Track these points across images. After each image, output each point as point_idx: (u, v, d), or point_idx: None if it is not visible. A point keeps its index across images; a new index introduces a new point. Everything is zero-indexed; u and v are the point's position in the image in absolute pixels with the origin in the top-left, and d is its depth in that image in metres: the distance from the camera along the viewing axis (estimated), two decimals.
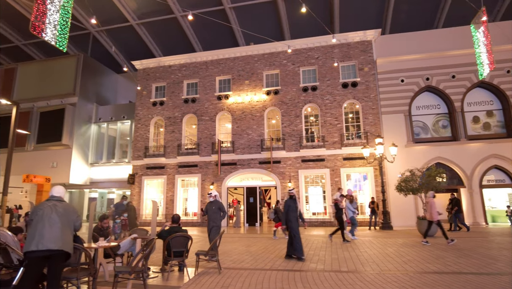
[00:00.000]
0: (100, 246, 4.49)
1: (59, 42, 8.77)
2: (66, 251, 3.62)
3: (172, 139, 21.04)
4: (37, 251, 3.47)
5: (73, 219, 3.87)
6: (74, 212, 3.96)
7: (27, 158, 22.90)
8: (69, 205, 4.02)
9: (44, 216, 3.68)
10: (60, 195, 4.04)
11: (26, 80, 24.78)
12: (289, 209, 7.66)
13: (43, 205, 3.81)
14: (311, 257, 7.66)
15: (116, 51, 24.58)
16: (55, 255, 3.58)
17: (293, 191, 8.03)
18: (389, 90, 18.57)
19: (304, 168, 18.61)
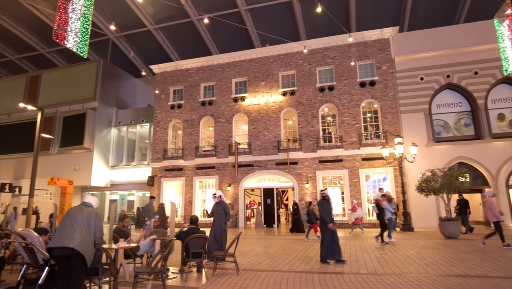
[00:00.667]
0: (120, 247, 4.60)
1: (80, 49, 9.05)
2: (81, 253, 3.68)
3: (189, 141, 21.30)
4: (55, 248, 3.61)
5: (95, 225, 3.96)
6: (98, 221, 4.05)
7: (51, 161, 23.68)
8: (95, 213, 4.10)
9: (69, 217, 3.81)
10: (90, 202, 4.20)
11: (50, 86, 25.67)
12: (324, 210, 7.47)
13: (72, 207, 3.99)
14: None
15: (134, 56, 25.10)
16: (72, 255, 3.67)
17: (326, 191, 7.80)
18: (408, 89, 18.17)
19: (321, 168, 18.45)
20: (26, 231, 4.55)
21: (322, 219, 7.44)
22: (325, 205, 7.52)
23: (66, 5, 9.01)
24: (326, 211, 7.46)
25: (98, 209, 22.83)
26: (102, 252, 4.11)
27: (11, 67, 31.43)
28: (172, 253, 5.94)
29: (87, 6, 9.65)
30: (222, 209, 7.71)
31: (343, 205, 18.14)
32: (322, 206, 7.52)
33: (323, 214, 7.44)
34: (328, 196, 7.80)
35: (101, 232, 4.04)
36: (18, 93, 26.06)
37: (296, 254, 8.31)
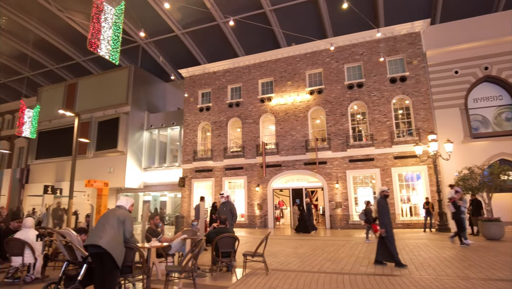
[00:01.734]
0: (153, 246, 4.75)
1: (112, 56, 9.46)
2: (110, 253, 3.84)
3: (218, 143, 21.59)
4: (88, 245, 3.82)
5: (125, 226, 4.13)
6: (128, 222, 4.20)
7: (88, 164, 24.83)
8: (125, 214, 4.27)
9: (102, 218, 4.00)
10: (122, 203, 4.40)
11: (85, 93, 26.95)
12: (383, 210, 7.01)
13: (109, 209, 4.22)
14: (360, 260, 7.39)
15: (163, 60, 25.78)
16: (103, 254, 3.87)
17: (387, 190, 7.26)
18: (442, 83, 17.40)
19: (352, 168, 18.06)
20: (66, 230, 4.80)
21: (381, 219, 6.99)
22: (385, 205, 7.06)
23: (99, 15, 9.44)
24: (386, 211, 6.95)
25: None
26: (134, 251, 4.27)
27: (51, 76, 33.29)
28: (201, 253, 6.04)
29: (118, 15, 10.06)
30: (228, 209, 7.53)
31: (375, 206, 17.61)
32: (381, 205, 7.04)
33: (382, 214, 6.99)
34: (389, 195, 7.30)
35: (130, 232, 4.18)
36: (58, 101, 27.57)
37: (326, 254, 8.19)
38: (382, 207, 7.02)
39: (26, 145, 29.74)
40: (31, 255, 5.77)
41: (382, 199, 7.18)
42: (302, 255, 8.29)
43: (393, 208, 16.86)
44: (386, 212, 6.95)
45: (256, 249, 5.74)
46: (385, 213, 6.94)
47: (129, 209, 4.36)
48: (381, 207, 7.03)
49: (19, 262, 5.64)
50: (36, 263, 5.88)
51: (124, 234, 4.10)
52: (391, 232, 6.87)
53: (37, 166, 27.60)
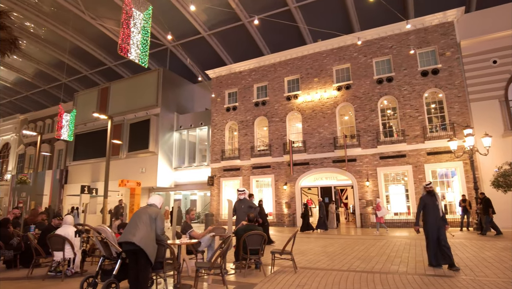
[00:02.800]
0: (182, 243, 4.88)
1: (141, 59, 9.77)
2: (143, 249, 3.97)
3: (245, 142, 21.74)
4: (123, 242, 3.99)
5: (157, 223, 4.27)
6: (160, 219, 4.35)
7: (121, 165, 25.82)
8: (157, 212, 4.43)
9: (135, 216, 4.18)
10: (153, 202, 4.56)
11: (117, 96, 28.02)
12: (425, 207, 6.43)
13: (141, 207, 4.39)
14: (392, 258, 7.18)
15: (190, 62, 26.28)
16: (137, 250, 4.02)
17: (431, 185, 6.60)
18: (479, 75, 16.52)
19: (382, 165, 17.58)
20: (101, 226, 5.05)
21: (417, 216, 6.63)
22: (428, 201, 6.42)
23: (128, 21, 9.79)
24: (428, 208, 6.33)
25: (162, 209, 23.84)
26: (165, 247, 4.41)
27: (85, 81, 34.93)
28: (230, 249, 6.12)
29: (146, 20, 10.38)
30: (247, 207, 7.47)
31: (407, 204, 17.10)
32: (423, 202, 6.49)
33: (417, 211, 6.63)
34: (434, 190, 6.57)
35: (162, 229, 4.31)
36: (92, 105, 28.85)
37: (356, 253, 8.03)
38: (424, 203, 6.50)
39: (64, 147, 31.38)
40: (71, 250, 6.10)
41: (425, 195, 6.54)
42: (331, 253, 8.19)
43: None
44: (427, 209, 6.35)
45: (284, 247, 5.74)
46: (425, 209, 6.41)
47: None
48: (422, 203, 6.50)
49: (60, 257, 5.99)
50: (75, 258, 6.21)
51: (156, 231, 4.23)
52: (432, 231, 6.20)
53: (75, 167, 29.06)
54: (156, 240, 4.19)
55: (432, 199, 6.46)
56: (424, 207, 6.49)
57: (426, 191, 6.61)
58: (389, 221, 16.88)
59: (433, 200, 6.44)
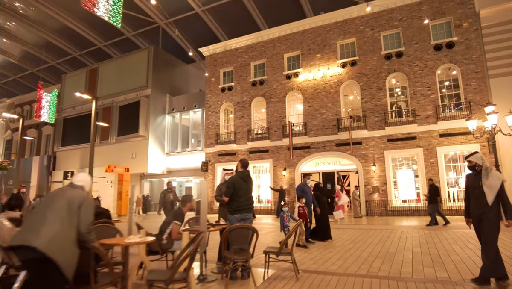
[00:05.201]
0: (132, 242, 3.33)
1: (112, 17, 8.18)
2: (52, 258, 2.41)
3: (241, 124, 20.19)
4: (16, 247, 2.47)
5: (81, 214, 2.73)
6: (86, 208, 2.82)
7: (110, 150, 24.33)
8: (82, 197, 2.86)
9: (44, 201, 2.64)
10: (80, 182, 3.01)
11: (106, 77, 26.34)
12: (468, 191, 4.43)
13: (56, 189, 2.81)
14: (420, 257, 5.74)
15: (178, 34, 24.32)
16: (42, 260, 2.43)
17: (469, 159, 4.36)
18: (500, 48, 14.88)
19: (390, 148, 16.09)
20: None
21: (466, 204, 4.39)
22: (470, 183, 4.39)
23: None
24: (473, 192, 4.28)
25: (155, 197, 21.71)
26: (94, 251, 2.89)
27: (75, 63, 33.11)
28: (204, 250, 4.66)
29: None
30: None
31: (417, 190, 15.69)
32: (466, 183, 4.50)
33: (465, 197, 4.53)
34: (480, 166, 4.23)
35: (88, 224, 2.75)
36: (80, 87, 27.14)
37: (371, 248, 6.58)
38: (466, 186, 4.51)
39: (52, 133, 29.81)
40: None
41: (470, 174, 4.47)
42: (340, 248, 6.75)
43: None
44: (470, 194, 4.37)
45: (282, 244, 4.27)
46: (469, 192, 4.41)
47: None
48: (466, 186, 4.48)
49: None
50: None
51: (79, 227, 2.69)
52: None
53: (63, 152, 27.57)
54: (78, 242, 2.67)
55: (476, 179, 4.27)
56: (468, 191, 4.44)
57: (470, 166, 4.41)
58: (397, 209, 15.53)
59: (477, 179, 4.23)
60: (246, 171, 4.83)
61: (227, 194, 4.48)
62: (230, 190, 4.50)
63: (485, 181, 4.12)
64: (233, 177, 4.71)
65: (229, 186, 4.52)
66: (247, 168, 4.86)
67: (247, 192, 4.58)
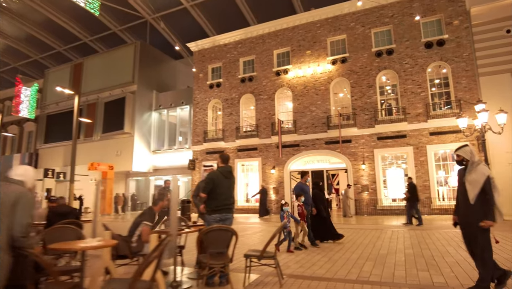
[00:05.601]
0: (88, 247, 2.88)
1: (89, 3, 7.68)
2: None
3: (230, 122, 19.74)
4: None
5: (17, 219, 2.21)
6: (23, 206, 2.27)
7: (95, 147, 23.61)
8: (22, 194, 2.30)
9: None
10: (19, 176, 2.42)
11: (91, 73, 25.58)
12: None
13: None
14: (413, 259, 5.43)
15: (164, 27, 23.67)
16: None
17: (458, 152, 3.79)
18: (490, 46, 14.78)
19: (380, 146, 15.87)
20: None
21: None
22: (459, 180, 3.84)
23: None
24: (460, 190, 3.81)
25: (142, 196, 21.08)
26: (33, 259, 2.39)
27: (59, 58, 32.13)
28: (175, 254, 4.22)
29: None
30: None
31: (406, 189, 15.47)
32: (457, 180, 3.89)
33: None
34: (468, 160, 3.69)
35: (23, 226, 2.21)
36: (64, 82, 26.27)
37: (361, 250, 6.24)
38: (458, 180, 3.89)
39: (35, 129, 28.84)
40: None
41: (459, 169, 3.88)
42: (328, 250, 6.39)
43: (428, 191, 14.72)
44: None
45: (264, 247, 3.86)
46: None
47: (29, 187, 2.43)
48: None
49: None
50: None
51: (13, 229, 2.18)
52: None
53: (46, 150, 26.69)
54: (12, 248, 2.18)
55: (463, 174, 3.78)
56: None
57: (456, 161, 3.93)
58: (387, 208, 15.34)
59: (464, 175, 3.74)
60: (228, 166, 4.38)
61: (204, 190, 4.06)
62: (208, 185, 4.07)
63: (468, 176, 3.64)
64: (213, 172, 4.26)
65: (207, 181, 4.09)
66: (228, 163, 4.43)
67: (228, 190, 4.14)
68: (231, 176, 4.30)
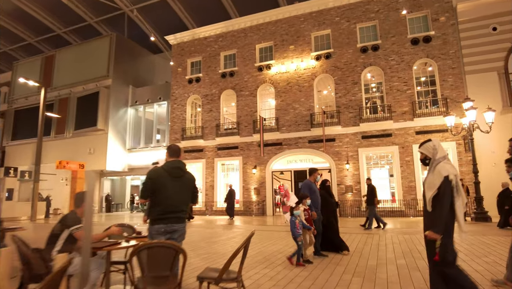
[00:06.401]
0: None
1: None
2: None
3: (210, 119, 18.81)
4: None
5: None
6: None
7: (67, 145, 22.21)
8: None
9: None
10: None
11: (64, 66, 24.14)
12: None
13: None
14: (406, 272, 4.71)
15: (137, 15, 22.48)
16: None
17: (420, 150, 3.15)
18: (476, 43, 14.43)
19: (365, 145, 15.29)
20: None
21: None
22: None
23: None
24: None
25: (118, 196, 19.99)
26: None
27: (30, 50, 30.36)
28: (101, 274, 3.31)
29: None
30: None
31: (392, 190, 15.00)
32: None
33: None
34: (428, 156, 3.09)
35: None
36: (34, 75, 24.72)
37: (346, 260, 5.44)
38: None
39: (1, 125, 27.07)
40: None
41: None
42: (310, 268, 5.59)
43: (414, 192, 14.24)
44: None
45: (224, 267, 2.90)
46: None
47: None
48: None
49: None
50: None
51: None
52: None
53: (13, 147, 25.01)
54: None
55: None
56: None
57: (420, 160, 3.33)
58: None
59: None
60: (177, 161, 3.25)
61: (142, 194, 3.13)
62: (146, 187, 3.07)
63: (426, 178, 3.02)
64: (154, 169, 3.23)
65: (145, 182, 3.11)
66: (179, 157, 3.38)
67: (177, 194, 3.11)
68: (182, 174, 3.22)
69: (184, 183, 3.20)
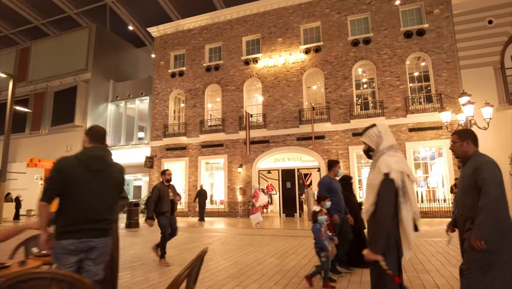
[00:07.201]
0: None
1: None
2: None
3: (193, 115, 17.86)
4: None
5: None
6: None
7: (43, 142, 21.01)
8: None
9: None
10: None
11: (40, 58, 22.88)
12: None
13: None
14: None
15: (117, 4, 21.38)
16: None
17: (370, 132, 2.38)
18: (471, 37, 13.83)
19: (356, 143, 14.54)
20: None
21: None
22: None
23: None
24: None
25: None
26: None
27: (6, 42, 28.84)
28: None
29: None
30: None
31: None
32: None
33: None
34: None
35: None
36: (8, 68, 23.37)
37: None
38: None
39: None
40: None
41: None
42: (293, 273, 4.76)
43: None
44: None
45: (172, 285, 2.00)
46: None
47: None
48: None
49: None
50: None
51: None
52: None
53: None
54: None
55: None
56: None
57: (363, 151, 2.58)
58: None
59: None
60: (98, 148, 2.38)
61: (45, 195, 2.12)
62: (52, 184, 2.14)
63: (368, 175, 2.29)
64: (65, 158, 2.27)
65: (50, 175, 2.15)
66: (104, 143, 2.45)
67: (96, 195, 2.22)
68: (105, 166, 2.32)
69: (107, 178, 2.27)
